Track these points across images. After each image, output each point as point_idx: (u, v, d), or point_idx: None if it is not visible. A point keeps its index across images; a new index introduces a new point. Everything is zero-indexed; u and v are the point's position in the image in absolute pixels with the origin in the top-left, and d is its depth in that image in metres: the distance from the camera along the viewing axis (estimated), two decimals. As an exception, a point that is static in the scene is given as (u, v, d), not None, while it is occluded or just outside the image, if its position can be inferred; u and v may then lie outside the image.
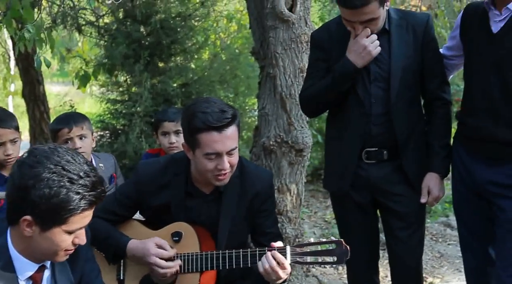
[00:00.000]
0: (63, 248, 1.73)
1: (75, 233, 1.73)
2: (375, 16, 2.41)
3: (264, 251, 2.20)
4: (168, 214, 2.35)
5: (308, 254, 2.17)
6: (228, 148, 2.19)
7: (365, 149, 2.59)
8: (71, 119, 2.92)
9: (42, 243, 1.71)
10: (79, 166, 1.69)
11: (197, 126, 2.18)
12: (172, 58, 5.49)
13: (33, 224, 1.68)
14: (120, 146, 4.97)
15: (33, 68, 6.84)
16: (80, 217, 1.70)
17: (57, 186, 1.64)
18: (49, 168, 1.65)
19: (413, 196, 2.60)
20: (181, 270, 2.28)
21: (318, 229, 5.30)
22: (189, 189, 2.35)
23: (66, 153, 1.71)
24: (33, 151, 1.71)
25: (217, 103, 2.23)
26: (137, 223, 2.43)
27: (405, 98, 2.54)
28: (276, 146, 3.79)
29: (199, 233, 2.31)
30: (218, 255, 2.26)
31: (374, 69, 2.53)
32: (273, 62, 3.73)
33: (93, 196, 1.70)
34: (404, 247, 2.65)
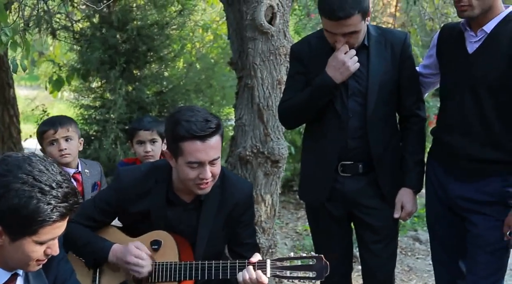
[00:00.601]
0: (34, 259, 1.69)
1: (47, 243, 1.69)
2: (357, 29, 2.46)
3: (244, 264, 2.21)
4: (147, 221, 2.35)
5: (287, 269, 2.19)
6: (211, 158, 2.20)
7: (341, 162, 2.63)
8: (57, 121, 2.94)
9: (12, 253, 1.66)
10: (51, 176, 1.63)
11: (180, 134, 2.18)
12: (148, 65, 5.47)
13: (2, 233, 1.63)
14: (93, 152, 4.91)
15: (3, 71, 6.74)
16: (51, 228, 1.64)
17: (27, 197, 1.59)
18: (19, 178, 1.60)
19: (386, 210, 2.65)
20: (158, 279, 2.27)
21: (290, 240, 5.33)
22: (170, 197, 2.35)
23: (39, 163, 1.65)
24: (5, 159, 1.65)
25: (201, 112, 2.24)
26: (115, 230, 2.42)
27: (381, 114, 2.60)
28: (252, 156, 3.81)
29: (179, 242, 2.31)
30: (198, 265, 2.26)
31: (352, 84, 2.58)
32: (252, 73, 3.76)
33: (65, 207, 1.64)
34: (376, 260, 2.70)
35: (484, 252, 2.43)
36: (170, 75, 5.71)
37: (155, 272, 2.29)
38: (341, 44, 2.48)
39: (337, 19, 2.41)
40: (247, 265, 2.20)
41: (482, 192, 2.44)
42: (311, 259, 2.20)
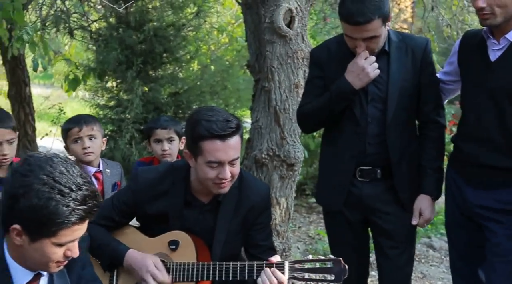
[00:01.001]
0: (54, 260, 1.69)
1: (67, 245, 1.68)
2: (377, 34, 2.45)
3: (262, 265, 2.21)
4: (164, 222, 2.35)
5: (305, 271, 2.18)
6: (231, 158, 2.21)
7: (359, 167, 2.63)
8: (82, 119, 2.97)
9: (32, 253, 1.67)
10: (72, 178, 1.63)
11: (201, 133, 2.18)
12: (164, 66, 5.50)
13: (22, 233, 1.63)
14: (108, 152, 4.93)
15: (20, 69, 6.81)
16: (70, 231, 1.64)
17: (46, 198, 1.59)
18: (40, 179, 1.60)
19: (404, 216, 2.64)
20: (176, 279, 2.28)
21: (302, 244, 5.32)
22: (187, 198, 2.35)
23: (61, 164, 1.65)
24: (27, 159, 1.66)
25: (221, 112, 2.25)
26: (133, 230, 2.43)
27: (401, 120, 2.59)
28: (268, 159, 3.81)
29: (196, 243, 2.31)
30: (215, 266, 2.25)
31: (372, 89, 2.58)
32: (269, 76, 3.77)
33: (83, 210, 1.64)
34: (393, 266, 2.69)
35: (503, 261, 2.41)
36: (185, 76, 5.73)
37: (172, 271, 2.29)
38: (362, 49, 2.48)
39: (357, 24, 2.41)
40: (265, 266, 2.20)
41: (501, 201, 2.42)
42: (330, 262, 2.19)
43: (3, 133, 2.63)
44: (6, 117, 2.70)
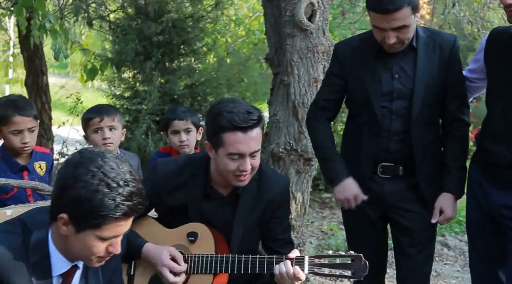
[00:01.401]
0: (96, 254, 1.71)
1: (109, 241, 1.70)
2: (407, 23, 2.41)
3: (281, 259, 2.20)
4: (183, 214, 2.34)
5: (325, 266, 2.17)
6: (252, 150, 2.19)
7: (381, 164, 2.60)
8: (103, 109, 2.96)
9: (76, 244, 1.69)
10: (121, 174, 1.66)
11: (222, 124, 2.17)
12: (181, 58, 5.49)
13: (69, 223, 1.66)
14: (124, 142, 4.92)
15: (38, 58, 6.82)
16: (114, 225, 1.67)
17: (93, 190, 1.62)
18: (90, 171, 1.64)
19: (424, 214, 2.61)
20: (194, 271, 2.27)
21: (315, 239, 5.30)
22: (207, 190, 2.35)
23: (112, 159, 1.68)
24: (81, 152, 1.72)
25: (243, 104, 2.23)
26: (152, 221, 2.42)
27: (425, 117, 2.56)
28: (285, 153, 3.79)
29: (215, 235, 2.31)
30: (234, 259, 2.25)
31: (398, 86, 2.55)
32: (288, 69, 3.74)
33: (128, 206, 1.66)
34: (411, 264, 2.67)
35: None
36: (202, 68, 5.72)
37: (191, 263, 2.29)
38: (392, 40, 2.43)
39: (386, 12, 2.36)
40: (284, 260, 2.18)
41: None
42: (350, 258, 2.17)
43: (25, 121, 2.64)
44: (28, 105, 2.71)
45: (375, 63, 2.58)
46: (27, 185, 2.53)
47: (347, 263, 2.16)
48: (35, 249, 1.70)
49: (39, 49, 6.73)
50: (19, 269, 1.66)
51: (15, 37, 8.54)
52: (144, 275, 2.36)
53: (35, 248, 1.70)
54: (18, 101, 2.67)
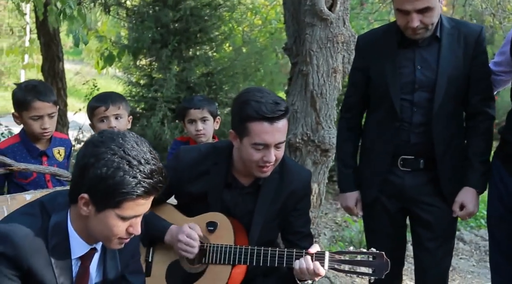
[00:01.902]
0: (116, 235, 1.71)
1: (130, 221, 1.70)
2: (431, 5, 2.36)
3: (301, 254, 2.17)
4: (203, 202, 2.33)
5: (346, 263, 2.14)
6: (277, 141, 2.17)
7: (401, 156, 2.57)
8: (109, 98, 2.91)
9: (96, 225, 1.69)
10: (141, 152, 1.66)
11: (249, 114, 2.15)
12: (198, 46, 5.47)
13: (89, 203, 1.66)
14: (140, 130, 4.95)
15: (55, 44, 6.84)
16: (134, 204, 1.66)
17: (115, 167, 1.62)
18: (111, 149, 1.63)
19: (445, 208, 2.58)
20: (212, 261, 2.26)
21: (329, 231, 5.28)
22: (228, 179, 2.33)
23: (132, 139, 1.68)
24: (102, 132, 1.72)
25: (270, 94, 2.20)
26: (172, 209, 2.41)
27: (448, 109, 2.52)
28: (302, 144, 3.77)
29: (235, 225, 2.29)
30: (253, 251, 2.23)
31: (420, 77, 2.51)
32: (307, 59, 3.71)
33: (149, 184, 1.65)
34: (430, 258, 2.63)
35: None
36: (218, 57, 5.70)
37: (209, 253, 2.28)
38: (415, 22, 2.37)
39: None
40: (304, 255, 2.17)
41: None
42: (371, 255, 2.14)
43: (45, 106, 2.63)
44: (48, 90, 2.70)
45: (397, 54, 2.54)
46: (46, 171, 2.53)
47: (368, 260, 2.13)
48: (54, 232, 1.70)
49: (56, 35, 6.74)
50: (39, 251, 1.67)
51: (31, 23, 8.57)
52: (162, 261, 2.36)
53: (54, 231, 1.70)
54: (39, 87, 2.67)
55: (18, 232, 1.64)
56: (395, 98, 2.52)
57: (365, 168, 2.71)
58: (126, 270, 1.93)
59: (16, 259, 1.63)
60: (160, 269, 2.35)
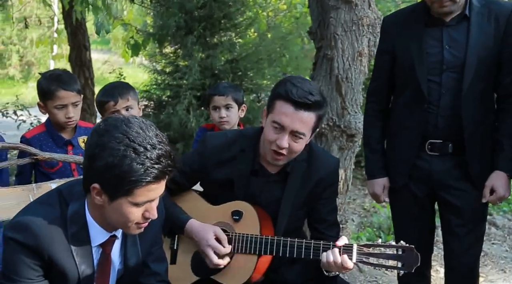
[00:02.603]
0: (133, 221, 1.69)
1: (144, 206, 1.68)
2: None
3: (328, 246, 2.14)
4: (229, 189, 2.30)
5: (374, 256, 2.07)
6: (294, 128, 2.12)
7: (429, 141, 2.51)
8: (116, 92, 2.86)
9: (112, 213, 1.68)
10: (147, 138, 1.62)
11: (279, 92, 2.13)
12: (222, 33, 5.44)
13: (102, 193, 1.65)
14: (166, 118, 4.96)
15: (81, 33, 6.90)
16: (145, 190, 1.63)
17: (121, 156, 1.59)
18: (115, 137, 1.60)
19: (474, 193, 2.51)
20: (238, 250, 2.25)
21: (357, 217, 5.23)
22: (255, 166, 2.30)
23: (137, 124, 1.64)
24: (105, 120, 1.68)
25: (311, 86, 2.16)
26: (197, 196, 2.39)
27: (477, 91, 2.44)
28: (327, 129, 3.72)
29: (260, 215, 2.26)
30: (280, 241, 2.19)
31: (448, 57, 2.43)
32: (332, 43, 3.64)
33: (158, 169, 1.62)
34: (460, 244, 2.57)
35: None
36: (243, 43, 5.66)
37: (235, 242, 2.26)
38: None
39: None
40: (332, 248, 2.13)
41: None
42: (401, 248, 2.08)
43: (69, 95, 2.64)
44: (72, 79, 2.70)
45: (424, 34, 2.47)
46: (71, 160, 2.54)
47: (397, 254, 2.07)
48: (73, 220, 1.70)
49: (82, 24, 6.80)
50: (59, 240, 1.67)
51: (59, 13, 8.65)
52: (188, 250, 2.35)
53: (73, 219, 1.70)
54: (63, 76, 2.67)
55: (37, 221, 1.65)
56: (422, 79, 2.45)
57: (392, 154, 2.65)
58: (149, 258, 1.93)
59: (37, 248, 1.64)
60: (186, 257, 2.34)
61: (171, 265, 2.34)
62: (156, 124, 4.70)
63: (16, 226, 1.65)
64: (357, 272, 3.94)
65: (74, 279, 1.71)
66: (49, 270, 1.68)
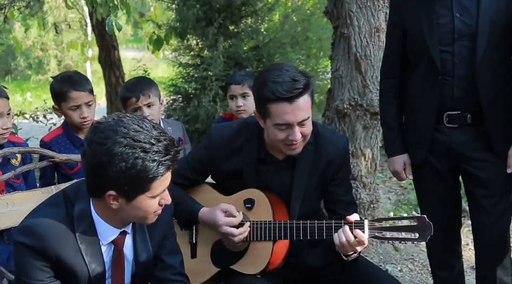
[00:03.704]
0: (152, 212, 1.74)
1: (160, 195, 1.73)
2: None
3: (340, 224, 2.12)
4: (240, 179, 2.31)
5: (387, 230, 2.05)
6: (300, 119, 2.10)
7: (446, 113, 2.43)
8: (138, 88, 2.89)
9: (130, 212, 1.72)
10: (148, 133, 1.64)
11: (267, 96, 2.08)
12: (243, 20, 5.42)
13: (118, 197, 1.68)
14: (193, 110, 5.00)
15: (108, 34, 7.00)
16: (160, 182, 1.67)
17: (132, 158, 1.60)
18: (119, 142, 1.61)
19: (498, 163, 2.42)
20: (253, 238, 2.25)
21: (393, 195, 5.15)
22: (262, 155, 2.29)
23: (132, 122, 1.65)
24: (98, 127, 1.66)
25: (290, 71, 2.11)
26: (209, 188, 2.41)
27: (493, 58, 2.34)
28: (350, 109, 3.67)
29: (272, 201, 2.26)
30: (292, 225, 2.19)
31: (459, 25, 2.34)
32: (347, 21, 3.58)
33: (169, 159, 1.66)
34: (488, 217, 2.48)
35: None
36: (266, 28, 5.62)
37: (250, 230, 2.26)
38: None
39: None
40: (343, 225, 2.11)
41: None
42: (413, 219, 2.05)
43: (81, 96, 2.68)
44: (83, 80, 2.74)
45: (434, 4, 2.39)
46: (90, 160, 2.59)
47: (410, 225, 2.04)
48: (80, 219, 1.73)
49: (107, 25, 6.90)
50: (66, 240, 1.70)
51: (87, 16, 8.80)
52: (206, 242, 2.36)
53: (79, 219, 1.73)
54: (73, 77, 2.72)
55: (42, 223, 1.68)
56: (434, 50, 2.37)
57: (410, 129, 2.59)
58: (162, 251, 1.95)
59: (44, 250, 1.67)
60: (205, 249, 2.36)
61: (192, 259, 2.37)
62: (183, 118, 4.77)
63: (23, 230, 1.69)
64: (392, 251, 3.89)
65: (85, 278, 1.74)
66: (58, 270, 1.72)
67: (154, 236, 1.90)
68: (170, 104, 5.47)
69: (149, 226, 1.85)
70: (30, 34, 14.19)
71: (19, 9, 6.03)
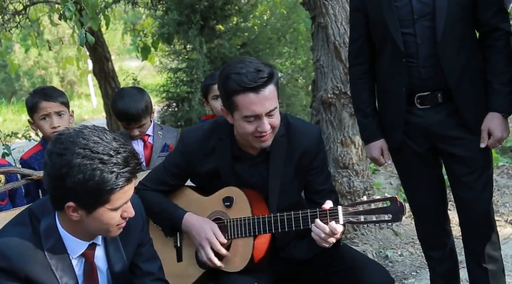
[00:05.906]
0: (114, 224, 1.74)
1: (122, 208, 1.72)
2: None
3: (315, 213, 2.12)
4: (218, 179, 2.31)
5: (361, 213, 2.06)
6: (267, 109, 2.10)
7: (417, 94, 2.41)
8: (48, 92, 2.82)
9: (91, 223, 1.72)
10: (107, 144, 1.65)
11: (232, 88, 2.09)
12: (227, 19, 5.40)
13: (78, 209, 1.68)
14: (185, 114, 5.00)
15: (99, 45, 7.02)
16: (121, 194, 1.68)
17: (90, 170, 1.61)
18: (77, 153, 1.62)
19: (474, 139, 2.41)
20: (234, 235, 2.25)
21: (395, 179, 5.11)
22: (235, 152, 2.29)
23: (92, 134, 1.66)
24: (59, 138, 1.68)
25: (252, 62, 2.12)
26: (189, 191, 2.42)
27: (455, 35, 2.32)
28: (335, 98, 3.65)
29: (250, 197, 2.26)
30: (270, 218, 2.20)
31: (417, 6, 2.32)
32: (323, 10, 3.57)
33: (128, 171, 1.67)
34: (471, 193, 2.47)
35: None
36: (252, 25, 5.59)
37: (230, 228, 2.27)
38: None
39: None
40: (318, 214, 2.10)
41: None
42: (385, 201, 2.04)
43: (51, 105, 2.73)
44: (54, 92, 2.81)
45: None
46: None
47: (383, 207, 2.04)
48: (47, 235, 1.74)
49: (99, 37, 6.92)
50: (34, 257, 1.71)
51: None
52: (191, 245, 2.37)
53: (46, 235, 1.74)
54: (45, 90, 2.80)
55: (8, 243, 1.69)
56: (396, 33, 2.36)
57: (384, 114, 2.58)
58: (139, 259, 1.96)
59: (12, 270, 1.67)
60: (190, 252, 2.37)
61: (178, 262, 2.38)
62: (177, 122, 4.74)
63: None
64: (392, 236, 3.86)
65: None
66: None
67: (127, 245, 1.90)
68: (164, 110, 5.48)
69: (122, 235, 1.85)
70: (30, 54, 14.31)
71: (9, 31, 6.08)
